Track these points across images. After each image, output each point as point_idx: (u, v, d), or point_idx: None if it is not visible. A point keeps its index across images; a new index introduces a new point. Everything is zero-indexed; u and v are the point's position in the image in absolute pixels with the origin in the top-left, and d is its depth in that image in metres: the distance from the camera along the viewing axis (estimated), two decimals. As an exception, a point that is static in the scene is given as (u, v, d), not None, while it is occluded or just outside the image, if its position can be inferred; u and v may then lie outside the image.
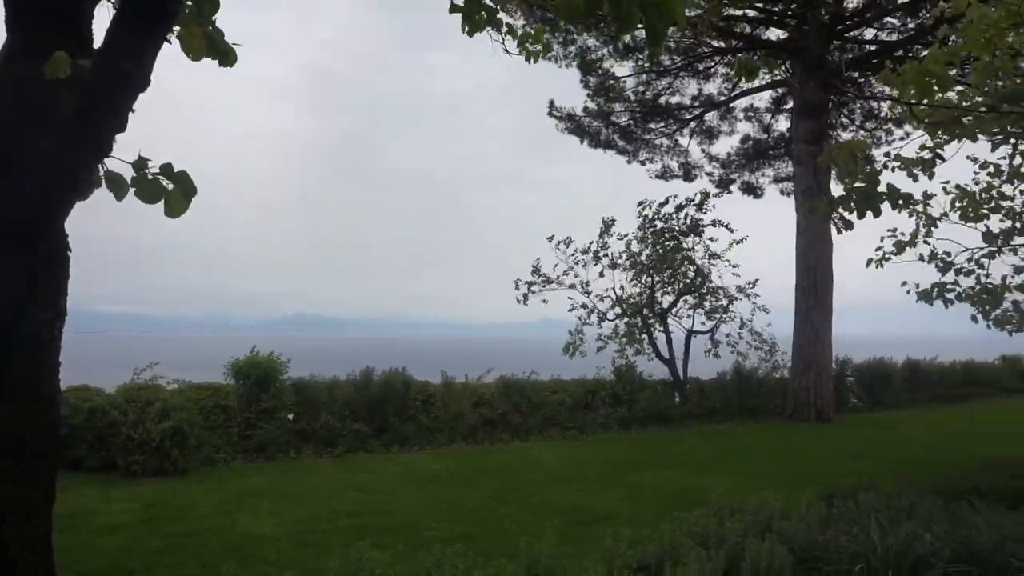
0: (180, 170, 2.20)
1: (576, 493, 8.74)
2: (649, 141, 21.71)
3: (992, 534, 4.77)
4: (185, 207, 2.23)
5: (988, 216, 6.74)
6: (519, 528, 6.76)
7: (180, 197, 2.23)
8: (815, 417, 15.88)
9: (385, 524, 7.23)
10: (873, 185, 3.42)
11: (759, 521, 5.51)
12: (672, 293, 18.52)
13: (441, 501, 8.34)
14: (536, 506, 8.06)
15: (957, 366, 22.47)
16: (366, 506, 8.06)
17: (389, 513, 7.73)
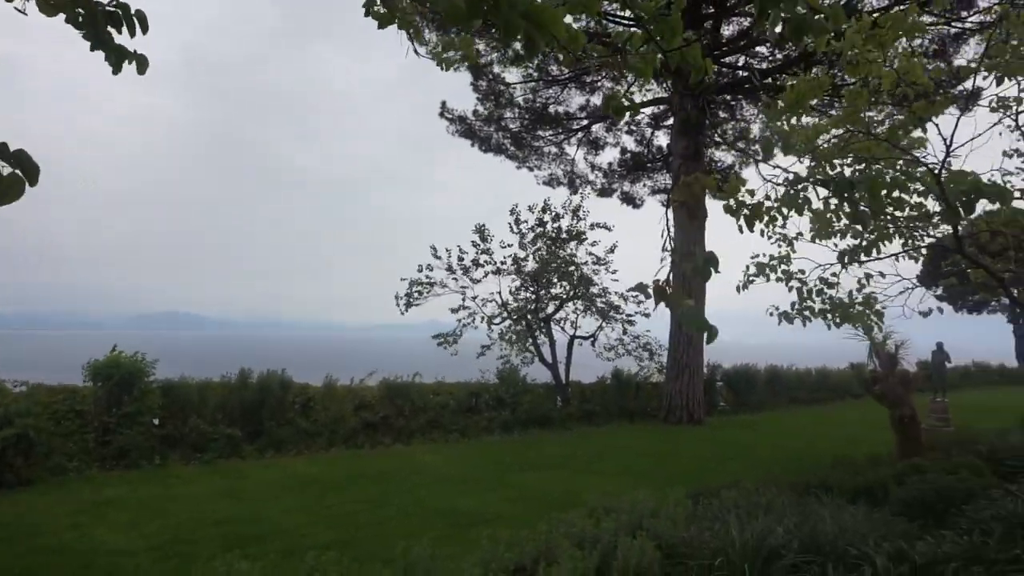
0: (17, 149, 1.99)
1: (458, 496, 8.80)
2: (538, 148, 22.30)
3: (834, 526, 5.23)
4: (21, 191, 2.01)
5: (838, 235, 7.40)
6: (399, 532, 6.77)
7: (16, 180, 2.01)
8: (687, 419, 16.79)
9: (257, 532, 6.99)
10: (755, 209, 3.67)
11: (631, 520, 5.78)
12: (556, 298, 19.00)
13: (318, 507, 8.16)
14: (417, 509, 8.07)
15: (812, 372, 24.54)
16: (237, 514, 7.75)
17: (262, 521, 7.47)
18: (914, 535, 5.43)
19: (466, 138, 21.47)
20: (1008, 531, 5.46)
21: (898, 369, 10.09)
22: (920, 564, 4.41)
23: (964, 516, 6.09)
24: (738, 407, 20.45)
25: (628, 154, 23.15)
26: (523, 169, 22.86)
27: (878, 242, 4.44)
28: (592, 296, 19.22)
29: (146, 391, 11.52)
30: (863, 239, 4.51)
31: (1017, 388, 29.67)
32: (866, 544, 4.81)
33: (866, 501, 7.19)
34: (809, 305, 4.39)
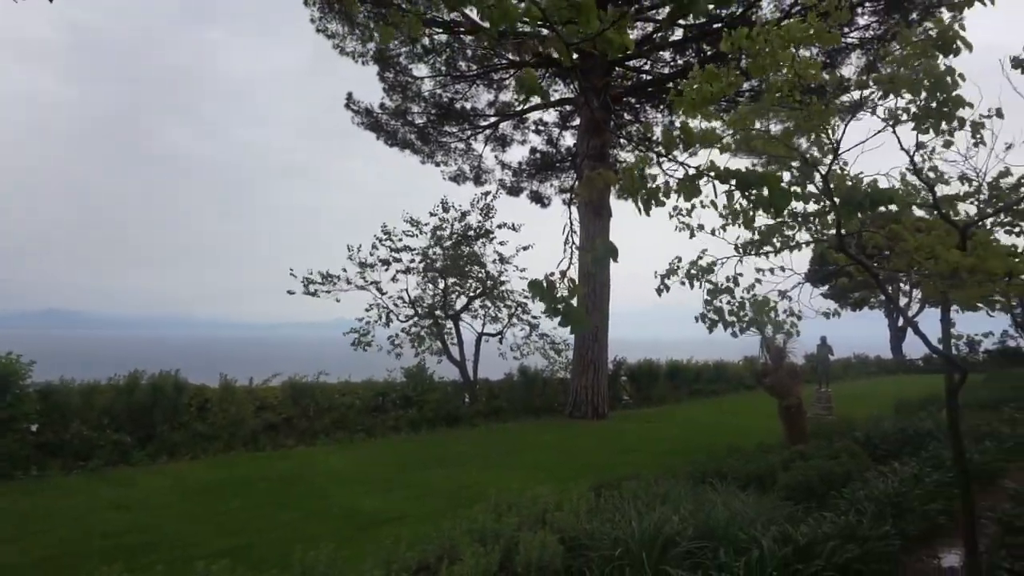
0: None
1: (363, 496, 8.64)
2: (445, 144, 22.21)
3: (726, 512, 5.48)
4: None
5: (740, 227, 7.75)
6: (300, 536, 6.56)
7: None
8: (592, 414, 17.13)
9: (148, 543, 6.63)
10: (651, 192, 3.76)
11: (534, 514, 5.85)
12: (464, 296, 19.04)
13: (214, 513, 7.79)
14: (320, 511, 7.86)
15: (710, 365, 25.60)
16: (127, 525, 7.30)
17: (153, 530, 7.07)
18: (798, 517, 5.77)
19: (372, 131, 21.11)
20: (879, 510, 5.90)
21: (786, 362, 10.69)
22: (802, 544, 4.68)
23: (843, 497, 6.54)
24: (641, 401, 21.09)
25: (536, 153, 23.43)
26: (429, 164, 22.71)
27: (771, 236, 4.63)
28: (500, 294, 19.37)
29: (21, 395, 10.66)
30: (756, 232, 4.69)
31: (892, 378, 32.05)
32: (755, 528, 5.06)
33: (756, 487, 7.58)
34: (718, 307, 4.52)
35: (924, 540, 6.03)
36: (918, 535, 5.99)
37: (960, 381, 4.02)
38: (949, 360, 4.18)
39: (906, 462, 8.08)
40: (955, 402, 4.08)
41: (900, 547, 5.51)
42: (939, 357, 4.19)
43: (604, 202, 18.10)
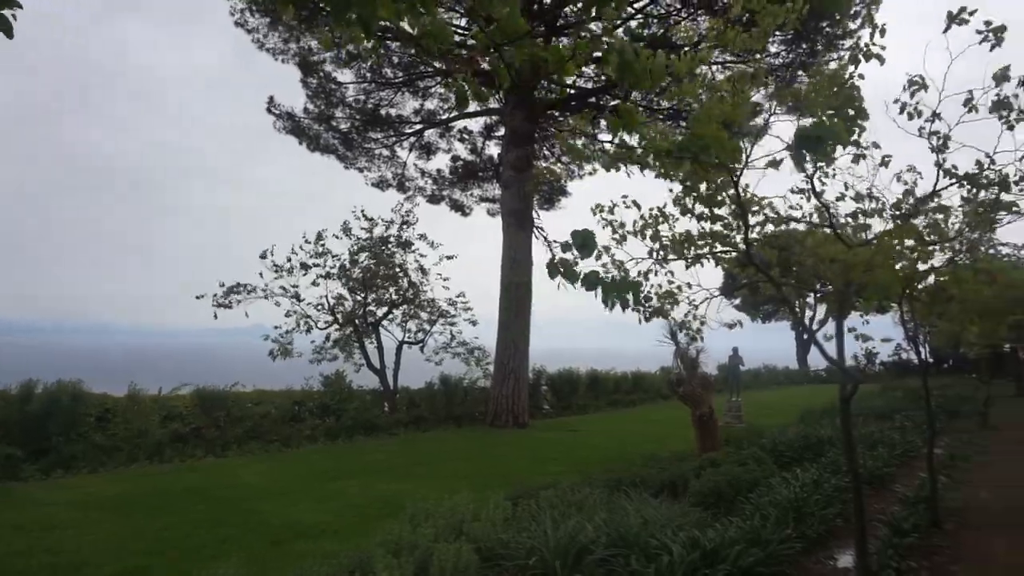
0: None
1: (277, 509, 8.36)
2: (369, 150, 21.93)
3: (639, 519, 5.62)
4: None
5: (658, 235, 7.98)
6: (205, 553, 6.25)
7: None
8: (512, 423, 17.20)
9: (28, 569, 6.11)
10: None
11: (451, 525, 5.82)
12: (384, 304, 18.86)
13: (114, 532, 7.34)
14: (230, 526, 7.53)
15: (629, 376, 26.13)
16: (9, 547, 6.74)
17: (38, 553, 6.55)
18: (707, 523, 5.97)
19: (294, 136, 20.64)
20: (782, 514, 6.18)
21: (699, 372, 11.06)
22: (709, 549, 4.84)
23: (749, 503, 6.81)
24: (561, 410, 21.34)
25: (460, 162, 23.46)
26: (352, 170, 22.40)
27: (680, 247, 4.78)
28: (421, 303, 19.30)
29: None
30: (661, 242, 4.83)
31: (799, 388, 33.61)
32: (666, 534, 5.20)
33: (670, 494, 7.80)
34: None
35: (822, 542, 6.33)
36: (816, 537, 6.28)
37: (852, 391, 4.28)
38: (843, 370, 4.44)
39: (807, 468, 8.49)
40: (848, 410, 4.33)
41: (800, 549, 5.77)
42: (834, 367, 4.44)
43: (527, 212, 18.30)
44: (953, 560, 5.75)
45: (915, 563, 5.56)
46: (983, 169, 4.59)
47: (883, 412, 15.41)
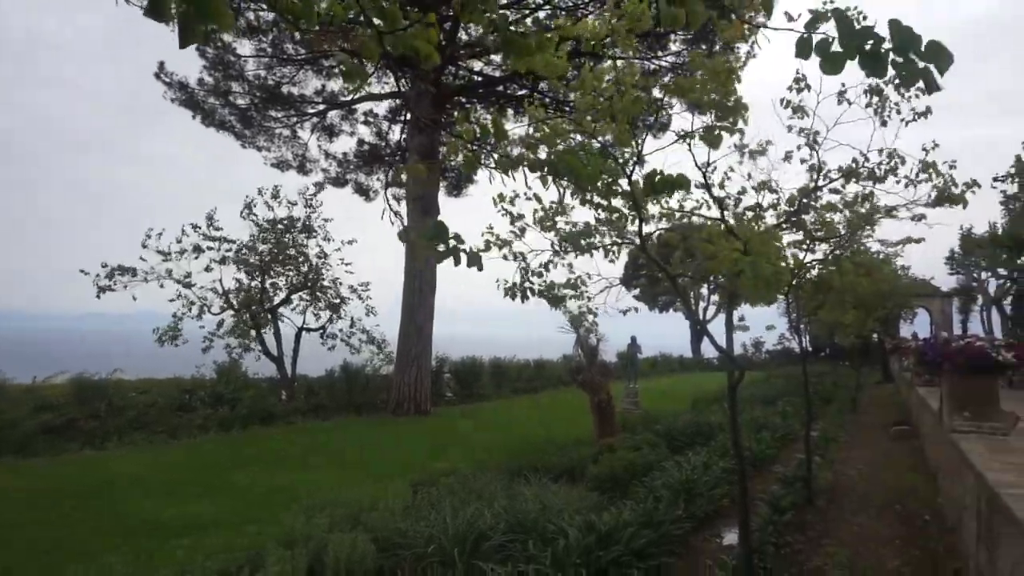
0: None
1: (164, 503, 7.93)
2: (269, 129, 21.00)
3: (537, 504, 5.72)
4: None
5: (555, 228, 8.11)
6: (80, 551, 5.85)
7: None
8: (415, 411, 17.09)
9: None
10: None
11: (348, 514, 5.72)
12: (284, 289, 18.28)
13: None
14: (108, 522, 7.10)
15: (531, 363, 26.47)
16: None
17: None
18: (603, 506, 6.16)
19: (187, 108, 19.45)
20: (674, 496, 6.46)
21: (598, 360, 11.35)
22: (604, 532, 4.99)
23: (643, 486, 7.07)
24: (464, 398, 21.38)
25: (365, 145, 22.92)
26: (250, 149, 21.43)
27: (578, 239, 4.87)
28: (322, 288, 18.84)
29: None
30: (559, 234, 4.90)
31: (693, 375, 35.13)
32: (562, 519, 5.32)
33: (568, 479, 7.99)
34: (530, 285, 4.70)
35: (710, 521, 6.68)
36: (705, 517, 6.62)
37: (739, 378, 4.51)
38: (730, 359, 4.67)
39: (698, 451, 8.91)
40: (735, 397, 4.57)
41: (689, 529, 6.07)
42: (723, 356, 4.67)
43: (432, 199, 18.15)
44: (824, 534, 6.20)
45: (791, 538, 5.96)
46: (858, 166, 4.97)
47: (768, 398, 16.36)
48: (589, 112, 3.61)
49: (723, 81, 3.53)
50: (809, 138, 4.80)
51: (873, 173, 5.01)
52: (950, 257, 35.17)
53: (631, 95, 3.47)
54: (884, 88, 4.70)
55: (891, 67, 1.64)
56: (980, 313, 36.26)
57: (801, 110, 4.69)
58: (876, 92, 4.69)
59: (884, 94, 4.74)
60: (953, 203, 5.02)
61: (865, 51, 1.64)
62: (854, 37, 1.65)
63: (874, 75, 1.68)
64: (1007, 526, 3.47)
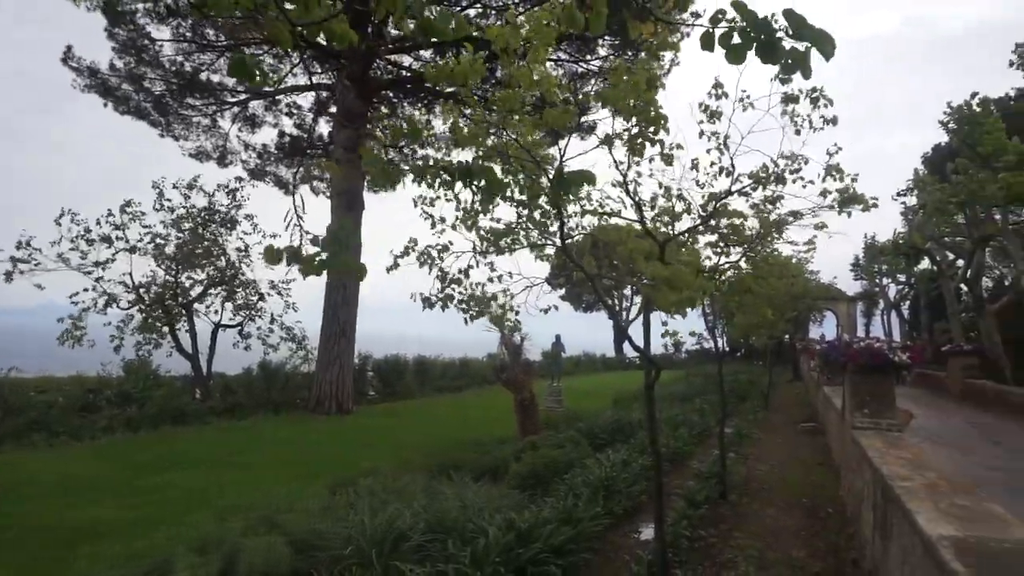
0: None
1: (60, 508, 7.51)
2: (186, 117, 20.15)
3: (457, 503, 5.69)
4: None
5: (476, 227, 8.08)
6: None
7: None
8: (336, 409, 16.78)
9: None
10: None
11: (263, 517, 5.53)
12: (200, 284, 17.58)
13: None
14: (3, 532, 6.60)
15: (456, 362, 26.39)
16: None
17: None
18: (524, 505, 6.20)
19: (98, 94, 18.43)
20: (593, 493, 6.56)
21: (522, 358, 11.42)
22: (524, 530, 5.02)
23: (564, 483, 7.15)
24: (387, 396, 21.12)
25: (286, 137, 22.31)
26: (167, 137, 20.52)
27: (507, 236, 4.88)
28: (241, 283, 18.24)
29: None
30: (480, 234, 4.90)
31: (615, 374, 35.82)
32: (483, 518, 5.32)
33: (490, 478, 8.00)
34: (449, 293, 4.67)
35: (629, 517, 6.81)
36: (623, 513, 6.75)
37: (655, 377, 4.62)
38: (647, 359, 4.78)
39: (618, 449, 9.09)
40: (652, 395, 4.68)
41: (608, 525, 6.17)
42: (641, 355, 4.78)
43: (357, 194, 17.83)
44: (736, 528, 6.43)
45: (705, 532, 6.15)
46: (768, 172, 5.19)
47: (686, 396, 16.86)
48: (514, 112, 3.61)
49: (643, 92, 3.60)
50: (721, 142, 4.97)
51: (781, 176, 5.23)
52: (855, 264, 37.23)
53: (557, 103, 3.49)
54: (799, 97, 4.91)
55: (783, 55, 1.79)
56: (881, 316, 38.59)
57: (717, 115, 4.85)
58: (793, 100, 4.90)
59: (794, 108, 4.95)
60: (858, 203, 5.32)
61: (761, 40, 1.75)
62: (756, 28, 1.75)
63: (769, 62, 1.79)
64: (898, 516, 3.68)
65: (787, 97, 4.88)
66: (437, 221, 4.58)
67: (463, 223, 4.65)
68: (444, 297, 4.74)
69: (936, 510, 3.30)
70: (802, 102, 4.91)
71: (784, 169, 5.23)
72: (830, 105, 4.96)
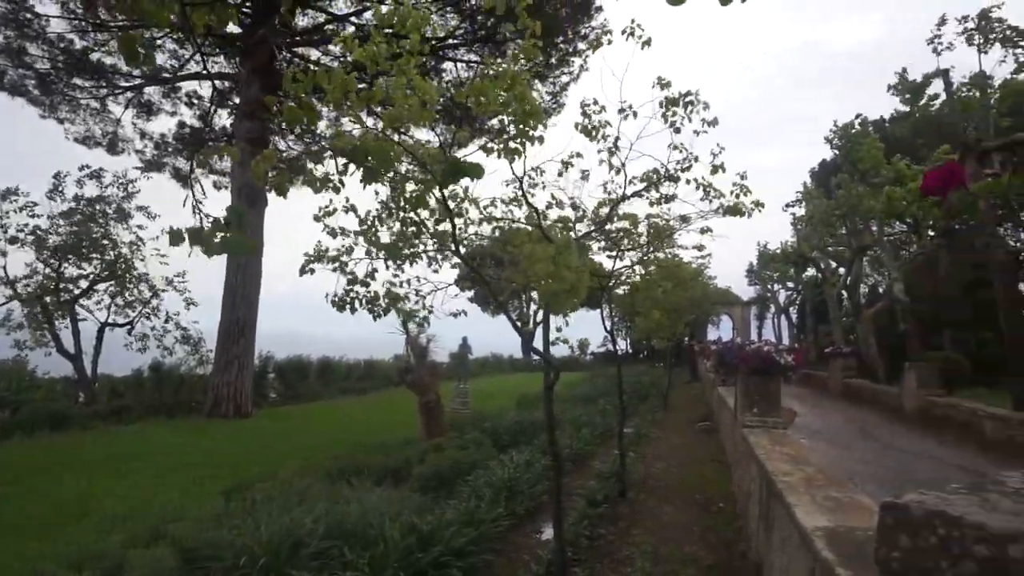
0: None
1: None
2: (73, 99, 18.81)
3: (359, 508, 5.58)
4: None
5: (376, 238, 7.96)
6: None
7: None
8: (234, 413, 16.14)
9: None
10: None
11: (150, 527, 5.23)
12: (86, 279, 16.49)
13: None
14: None
15: (361, 363, 25.90)
16: None
17: None
18: (426, 507, 6.14)
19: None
20: (496, 494, 6.58)
21: (428, 360, 11.34)
22: (425, 533, 4.97)
23: (468, 485, 7.14)
24: (289, 398, 20.49)
25: (186, 128, 21.26)
26: (51, 120, 19.12)
27: (409, 239, 4.83)
28: (133, 278, 17.22)
29: None
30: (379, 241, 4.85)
31: (523, 375, 36.13)
32: (384, 522, 5.23)
33: (393, 481, 7.89)
34: (356, 294, 4.59)
35: (531, 517, 6.88)
36: (526, 513, 6.82)
37: (554, 378, 4.70)
38: (546, 361, 4.85)
39: (522, 450, 9.16)
40: (551, 396, 4.76)
41: (510, 526, 6.21)
42: (540, 357, 4.84)
43: (260, 190, 17.19)
44: (634, 525, 6.61)
45: (604, 530, 6.30)
46: (658, 175, 5.41)
47: (590, 397, 17.21)
48: (402, 111, 3.57)
49: (515, 87, 3.63)
50: (612, 146, 5.15)
51: (672, 175, 5.44)
52: (749, 270, 39.26)
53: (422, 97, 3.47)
54: (677, 100, 5.17)
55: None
56: (773, 320, 40.80)
57: (592, 132, 5.04)
58: (673, 103, 5.15)
59: (676, 108, 5.20)
60: (739, 213, 5.61)
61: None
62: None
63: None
64: (779, 508, 3.89)
65: (668, 100, 5.13)
66: (338, 232, 4.50)
67: (364, 235, 4.58)
68: (351, 299, 4.64)
69: (812, 503, 3.51)
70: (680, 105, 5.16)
71: (677, 168, 5.43)
72: (707, 108, 5.24)
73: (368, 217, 4.46)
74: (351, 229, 4.58)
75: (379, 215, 4.35)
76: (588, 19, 18.29)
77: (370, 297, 4.63)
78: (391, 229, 4.57)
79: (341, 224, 4.58)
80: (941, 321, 23.05)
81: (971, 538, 1.31)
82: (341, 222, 4.61)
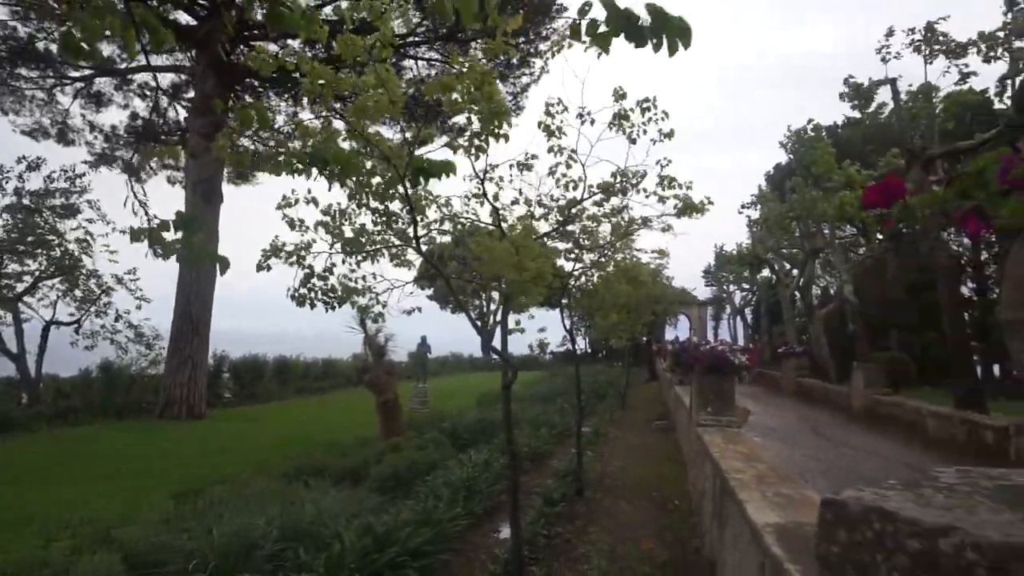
0: None
1: None
2: (17, 88, 18.14)
3: (314, 509, 5.52)
4: None
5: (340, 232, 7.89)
6: None
7: None
8: (187, 414, 15.78)
9: None
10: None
11: (96, 533, 5.09)
12: (32, 275, 15.95)
13: None
14: None
15: (319, 362, 25.55)
16: None
17: None
18: (383, 508, 6.10)
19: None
20: (454, 494, 6.58)
21: (385, 359, 11.26)
22: (381, 533, 4.94)
23: (425, 485, 7.12)
24: (245, 399, 20.12)
25: (139, 120, 20.71)
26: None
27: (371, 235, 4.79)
28: (82, 275, 16.71)
29: None
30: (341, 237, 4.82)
31: (483, 374, 36.11)
32: (340, 523, 5.19)
33: (351, 481, 7.82)
34: (313, 286, 4.54)
35: (489, 517, 6.88)
36: (484, 513, 6.82)
37: (512, 378, 4.72)
38: (504, 360, 4.86)
39: (481, 449, 9.16)
40: (508, 395, 4.78)
41: (467, 525, 6.21)
42: (498, 356, 4.85)
43: (215, 184, 16.86)
44: (591, 523, 6.67)
45: (561, 528, 6.34)
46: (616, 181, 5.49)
47: (549, 396, 17.27)
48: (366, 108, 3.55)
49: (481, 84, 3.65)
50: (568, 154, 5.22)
51: (624, 188, 5.53)
52: (706, 271, 39.92)
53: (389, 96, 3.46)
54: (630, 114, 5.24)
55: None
56: (728, 320, 41.57)
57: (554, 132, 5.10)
58: (623, 117, 5.23)
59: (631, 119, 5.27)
60: (695, 212, 5.72)
61: (628, 26, 1.83)
62: (619, 18, 1.84)
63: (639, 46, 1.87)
64: (732, 505, 3.97)
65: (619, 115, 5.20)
66: (297, 223, 4.44)
67: (325, 229, 4.53)
68: (311, 295, 4.59)
69: (764, 499, 3.59)
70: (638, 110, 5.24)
71: (632, 179, 5.51)
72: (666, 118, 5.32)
73: (331, 209, 4.41)
74: (309, 224, 4.52)
75: (342, 209, 4.31)
76: (549, 20, 18.37)
77: (325, 289, 4.59)
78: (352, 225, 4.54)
79: (301, 216, 4.54)
80: (888, 323, 23.82)
81: (905, 532, 1.36)
82: (302, 214, 4.56)
